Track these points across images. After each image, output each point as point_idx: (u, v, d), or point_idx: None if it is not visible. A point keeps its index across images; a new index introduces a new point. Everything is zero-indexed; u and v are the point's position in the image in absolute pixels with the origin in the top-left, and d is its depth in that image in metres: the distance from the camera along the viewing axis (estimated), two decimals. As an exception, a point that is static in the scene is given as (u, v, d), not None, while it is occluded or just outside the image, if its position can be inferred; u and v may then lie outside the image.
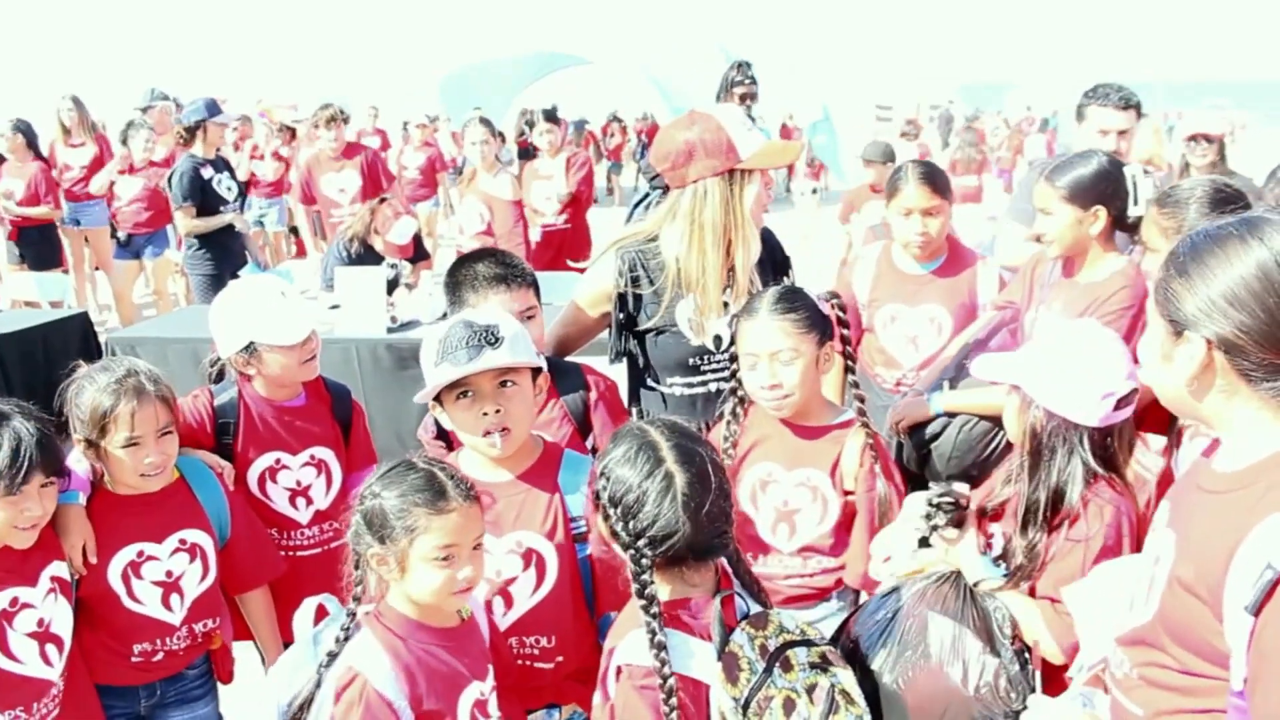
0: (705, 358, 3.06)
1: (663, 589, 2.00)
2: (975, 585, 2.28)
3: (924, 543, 2.38)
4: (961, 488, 2.49)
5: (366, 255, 6.64)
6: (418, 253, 7.02)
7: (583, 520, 2.45)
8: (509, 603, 2.46)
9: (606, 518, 2.01)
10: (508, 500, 2.45)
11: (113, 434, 2.56)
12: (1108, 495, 2.28)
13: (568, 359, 3.18)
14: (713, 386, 3.08)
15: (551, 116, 9.35)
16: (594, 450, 2.90)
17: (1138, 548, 2.26)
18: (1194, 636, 1.66)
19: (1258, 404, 1.65)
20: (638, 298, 3.06)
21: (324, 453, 3.11)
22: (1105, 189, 3.24)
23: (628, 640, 1.97)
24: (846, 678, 2.06)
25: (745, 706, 1.89)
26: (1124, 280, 3.21)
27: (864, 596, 2.62)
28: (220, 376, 3.11)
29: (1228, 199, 2.84)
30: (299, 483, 3.07)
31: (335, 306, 5.77)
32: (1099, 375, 2.26)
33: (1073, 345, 2.32)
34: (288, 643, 2.66)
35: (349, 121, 8.68)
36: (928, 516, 2.37)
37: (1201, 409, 1.71)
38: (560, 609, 2.47)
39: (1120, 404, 2.27)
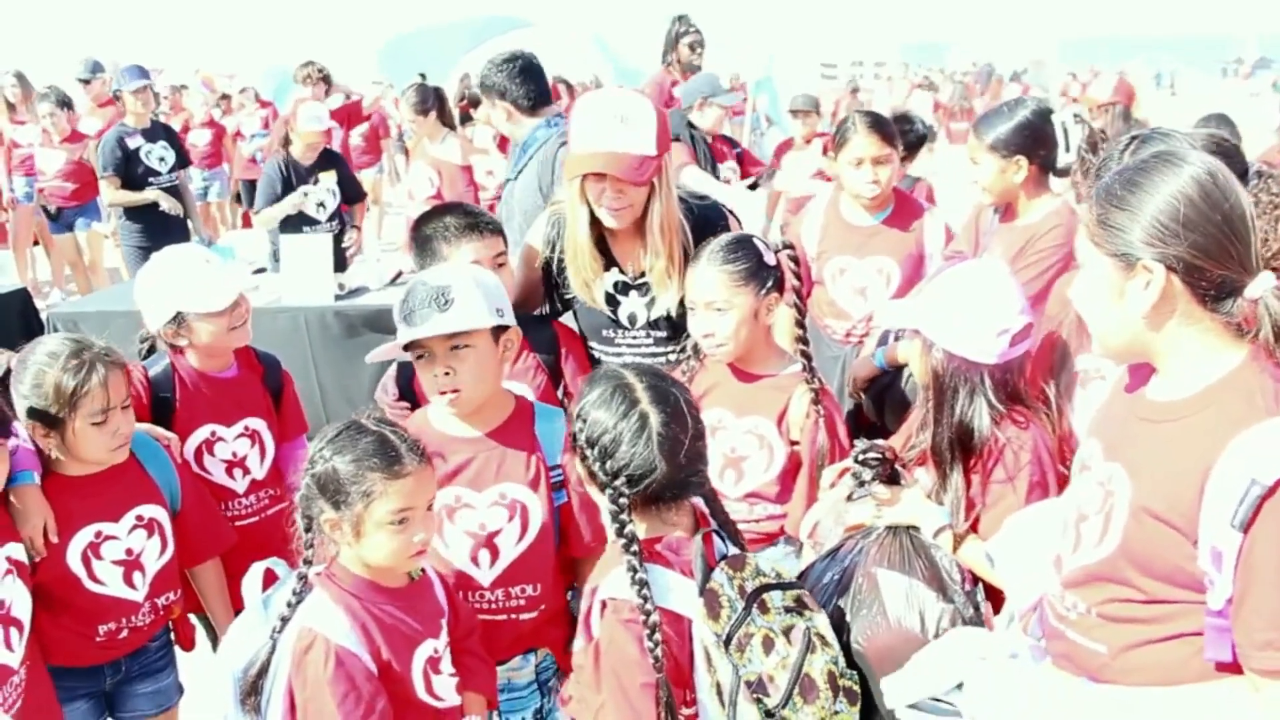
0: (619, 331, 3.08)
1: (639, 527, 2.02)
2: (937, 534, 2.31)
3: (850, 498, 2.40)
4: (882, 441, 2.51)
5: (299, 168, 6.57)
6: (337, 155, 7.02)
7: (559, 469, 2.50)
8: (495, 555, 2.49)
9: (584, 459, 2.04)
10: (486, 455, 2.48)
11: (85, 409, 2.48)
12: (1014, 433, 2.33)
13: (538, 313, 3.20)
14: (628, 359, 3.06)
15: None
16: (565, 398, 2.95)
17: (1060, 468, 2.33)
18: (1164, 564, 1.67)
19: (1206, 327, 1.68)
20: (560, 264, 3.08)
21: (257, 423, 3.11)
22: (1026, 139, 3.39)
23: (610, 577, 2.00)
24: (821, 621, 2.09)
25: (727, 641, 1.92)
26: (1057, 219, 3.37)
27: (809, 548, 2.64)
28: (151, 351, 3.07)
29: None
30: (235, 454, 3.07)
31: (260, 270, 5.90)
32: (993, 313, 2.30)
33: (966, 286, 2.37)
34: (238, 612, 2.64)
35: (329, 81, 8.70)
36: (856, 475, 2.39)
37: (1159, 341, 1.71)
38: (544, 557, 2.53)
39: (1016, 339, 2.31)
